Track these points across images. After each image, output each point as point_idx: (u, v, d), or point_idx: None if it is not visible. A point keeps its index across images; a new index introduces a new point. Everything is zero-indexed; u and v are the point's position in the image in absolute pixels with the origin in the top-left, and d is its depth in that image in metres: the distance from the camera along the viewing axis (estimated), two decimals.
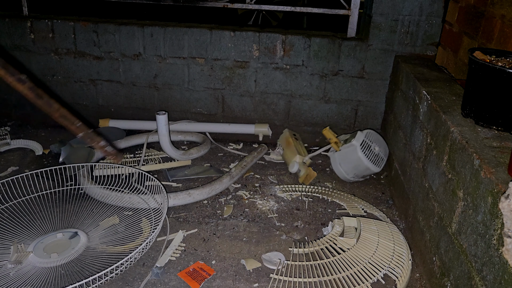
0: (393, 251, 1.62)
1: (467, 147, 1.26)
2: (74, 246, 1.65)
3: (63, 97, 2.77)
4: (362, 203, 2.06)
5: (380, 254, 1.61)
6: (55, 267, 1.56)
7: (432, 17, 2.32)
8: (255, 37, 2.47)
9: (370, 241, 1.67)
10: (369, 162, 2.14)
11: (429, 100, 1.68)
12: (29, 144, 2.53)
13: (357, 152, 2.14)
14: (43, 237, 1.70)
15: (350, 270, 1.54)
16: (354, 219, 1.82)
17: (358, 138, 2.17)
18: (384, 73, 2.47)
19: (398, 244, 1.66)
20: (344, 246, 1.68)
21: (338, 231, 1.78)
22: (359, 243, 1.67)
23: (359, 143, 2.15)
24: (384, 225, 1.79)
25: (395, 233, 1.74)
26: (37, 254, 1.60)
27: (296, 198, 2.12)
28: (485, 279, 1.08)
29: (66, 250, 1.63)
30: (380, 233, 1.71)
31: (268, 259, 1.67)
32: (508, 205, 0.98)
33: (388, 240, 1.67)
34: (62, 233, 1.72)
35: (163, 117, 2.23)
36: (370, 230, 1.73)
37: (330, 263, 1.60)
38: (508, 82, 1.27)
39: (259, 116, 2.67)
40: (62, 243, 1.67)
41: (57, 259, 1.58)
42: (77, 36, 2.59)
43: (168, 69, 2.62)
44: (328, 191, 2.17)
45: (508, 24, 1.63)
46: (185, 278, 1.56)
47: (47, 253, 1.61)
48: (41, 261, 1.56)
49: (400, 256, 1.60)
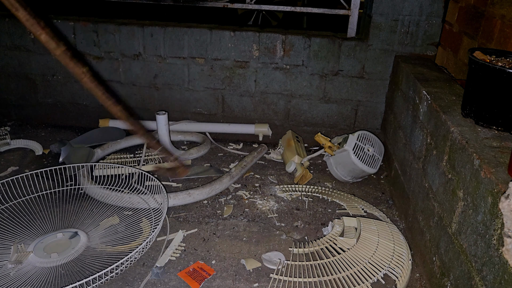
0: (393, 251, 1.62)
1: (467, 147, 1.26)
2: (74, 246, 1.65)
3: (63, 97, 2.78)
4: (362, 203, 2.06)
5: (380, 254, 1.61)
6: (55, 267, 1.56)
7: (432, 17, 2.32)
8: (255, 37, 2.47)
9: (370, 241, 1.67)
10: (364, 165, 2.12)
11: (429, 100, 1.68)
12: (29, 144, 2.53)
13: (350, 157, 2.12)
14: (43, 237, 1.70)
15: (350, 270, 1.54)
16: (354, 219, 1.82)
17: (350, 142, 2.15)
18: (384, 73, 2.47)
19: (398, 244, 1.66)
20: (344, 246, 1.68)
21: (338, 231, 1.78)
22: (359, 243, 1.67)
23: (351, 147, 2.13)
24: (384, 225, 1.79)
25: (395, 233, 1.74)
26: (37, 254, 1.60)
27: (296, 198, 2.12)
28: (485, 279, 1.08)
29: (66, 250, 1.63)
30: (380, 233, 1.72)
31: (268, 259, 1.67)
32: (508, 205, 0.98)
33: (388, 240, 1.68)
34: (62, 233, 1.72)
35: (163, 117, 2.23)
36: (370, 230, 1.73)
37: (330, 263, 1.60)
38: (508, 82, 1.27)
39: (259, 116, 2.67)
40: (62, 243, 1.67)
41: (57, 259, 1.58)
42: (77, 36, 2.59)
43: (168, 69, 2.62)
44: (328, 191, 2.18)
45: (508, 24, 1.63)
46: (185, 278, 1.56)
47: (47, 253, 1.61)
48: (41, 261, 1.57)
49: (400, 256, 1.60)
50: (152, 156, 2.43)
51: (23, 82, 2.77)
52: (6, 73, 2.76)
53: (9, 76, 2.76)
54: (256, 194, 2.15)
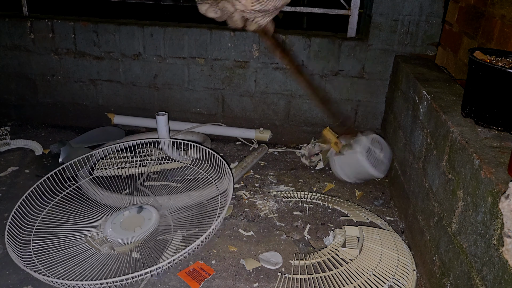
0: (397, 261, 1.57)
1: (467, 147, 1.26)
2: (149, 217, 1.71)
3: (63, 97, 2.78)
4: (363, 211, 2.00)
5: (384, 264, 1.56)
6: (146, 237, 1.67)
7: (432, 17, 2.32)
8: (255, 37, 2.47)
9: (374, 251, 1.62)
10: (374, 170, 2.09)
11: (429, 100, 1.68)
12: (29, 144, 2.53)
13: (361, 159, 2.07)
14: (110, 217, 1.74)
15: (354, 283, 1.48)
16: (356, 228, 1.76)
17: (363, 145, 2.10)
18: (384, 73, 2.47)
19: (402, 254, 1.61)
20: (347, 257, 1.62)
21: (340, 241, 1.72)
22: (362, 254, 1.61)
23: (365, 150, 2.08)
24: (387, 233, 1.75)
25: (398, 242, 1.69)
26: (119, 233, 1.65)
27: (294, 204, 2.11)
28: (485, 279, 1.08)
29: (144, 222, 1.70)
30: (383, 243, 1.67)
31: (265, 259, 1.67)
32: (508, 205, 0.98)
33: (392, 249, 1.63)
34: (128, 211, 1.78)
35: (163, 117, 2.23)
36: (372, 240, 1.68)
37: (333, 276, 1.54)
38: (508, 82, 1.27)
39: (259, 116, 2.67)
40: (135, 219, 1.73)
41: (141, 232, 1.66)
42: (77, 36, 2.60)
43: (168, 69, 2.62)
44: (328, 198, 2.11)
45: (508, 24, 1.63)
46: (185, 278, 1.56)
47: (128, 230, 1.67)
48: (129, 237, 1.63)
49: (404, 266, 1.55)
50: (154, 156, 2.41)
51: (23, 82, 2.77)
52: (6, 73, 2.76)
53: (9, 76, 2.76)
54: (256, 194, 2.15)
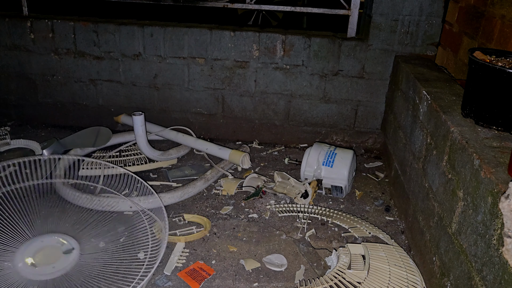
0: (407, 280, 1.50)
1: (467, 147, 1.26)
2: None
3: (63, 97, 2.78)
4: (364, 225, 1.91)
5: (394, 285, 1.48)
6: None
7: (432, 17, 2.32)
8: (255, 37, 2.47)
9: (382, 271, 1.53)
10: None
11: (429, 100, 1.68)
12: (29, 144, 2.53)
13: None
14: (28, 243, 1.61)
15: None
16: (360, 246, 1.67)
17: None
18: (384, 73, 2.47)
19: (410, 271, 1.54)
20: (354, 280, 1.50)
21: (345, 263, 1.60)
22: (370, 275, 1.52)
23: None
24: (392, 249, 1.67)
25: (404, 257, 1.62)
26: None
27: (289, 216, 2.11)
28: (485, 279, 1.08)
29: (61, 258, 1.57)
30: (390, 260, 1.59)
31: (270, 262, 1.66)
32: (508, 205, 0.98)
33: (399, 267, 1.56)
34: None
35: (139, 117, 2.23)
36: (379, 258, 1.60)
37: None
38: (508, 82, 1.27)
39: (259, 116, 2.67)
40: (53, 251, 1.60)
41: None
42: (77, 36, 2.59)
43: (168, 69, 2.62)
44: (328, 211, 2.00)
45: (508, 24, 1.63)
46: (185, 278, 1.56)
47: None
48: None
49: (414, 285, 1.49)
50: (138, 156, 2.39)
51: (23, 82, 2.77)
52: (6, 73, 2.76)
53: (9, 76, 2.76)
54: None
